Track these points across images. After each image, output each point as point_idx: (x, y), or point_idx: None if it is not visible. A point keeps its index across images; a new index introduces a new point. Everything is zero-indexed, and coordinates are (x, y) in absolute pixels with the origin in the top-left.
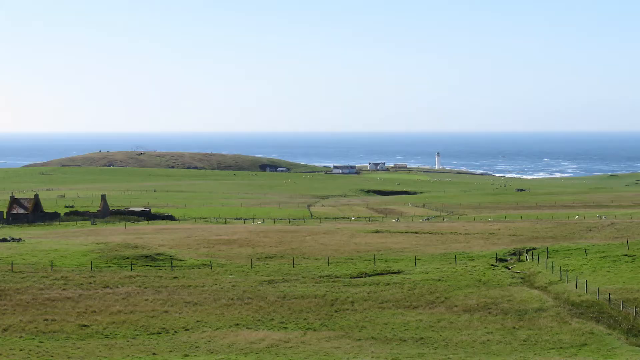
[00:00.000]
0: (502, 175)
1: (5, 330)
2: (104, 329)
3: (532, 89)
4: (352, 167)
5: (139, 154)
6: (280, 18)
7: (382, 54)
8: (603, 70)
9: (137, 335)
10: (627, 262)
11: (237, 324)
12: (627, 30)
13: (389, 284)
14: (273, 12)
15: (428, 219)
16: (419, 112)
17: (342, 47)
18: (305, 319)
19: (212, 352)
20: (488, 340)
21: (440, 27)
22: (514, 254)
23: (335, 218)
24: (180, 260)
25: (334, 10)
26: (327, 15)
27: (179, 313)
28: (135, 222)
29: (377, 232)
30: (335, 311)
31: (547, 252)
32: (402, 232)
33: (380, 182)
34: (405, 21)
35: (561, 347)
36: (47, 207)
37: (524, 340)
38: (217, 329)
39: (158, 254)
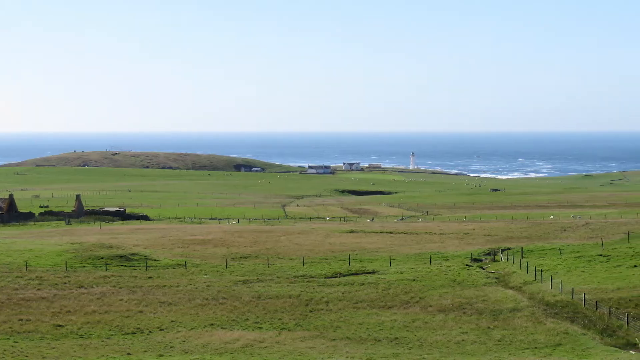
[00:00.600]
0: (476, 175)
1: None
2: (79, 329)
3: (508, 89)
4: (327, 167)
5: (114, 154)
6: (254, 18)
7: (358, 54)
8: (578, 70)
9: (112, 335)
10: (601, 262)
11: (212, 324)
12: (602, 31)
13: (363, 284)
14: (248, 12)
15: (403, 219)
16: (394, 112)
17: (318, 47)
18: (279, 319)
19: (186, 352)
20: (463, 340)
21: (416, 26)
22: (489, 254)
23: (310, 218)
24: (155, 260)
25: (310, 11)
26: (302, 16)
27: (154, 313)
28: (110, 222)
29: (351, 232)
30: (310, 311)
31: (522, 252)
32: (376, 232)
33: (355, 182)
34: (380, 21)
35: (536, 347)
36: (22, 207)
37: (499, 340)
38: (192, 329)
39: (133, 254)
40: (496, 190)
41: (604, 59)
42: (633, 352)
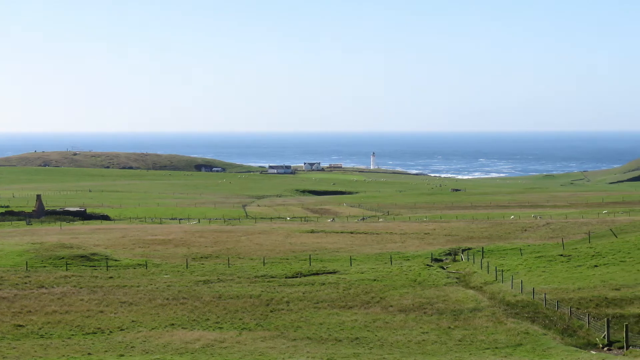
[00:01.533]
0: (437, 175)
1: None
2: (40, 329)
3: (468, 88)
4: (288, 167)
5: (75, 154)
6: (215, 18)
7: (317, 53)
8: (538, 70)
9: (73, 335)
10: (562, 262)
11: (173, 324)
12: (562, 29)
13: (324, 284)
14: (207, 12)
15: (363, 219)
16: (355, 112)
17: (277, 46)
18: (240, 319)
19: (147, 352)
20: (423, 340)
21: (375, 26)
22: (450, 254)
23: (271, 218)
24: (116, 260)
25: (267, 10)
26: (260, 15)
27: (115, 313)
28: (71, 222)
29: (312, 232)
30: (271, 311)
31: (483, 252)
32: (337, 232)
33: (315, 182)
34: (339, 20)
35: (496, 347)
36: None
37: (459, 340)
38: (153, 329)
39: (93, 254)
40: (457, 190)
41: (565, 60)
42: (594, 352)
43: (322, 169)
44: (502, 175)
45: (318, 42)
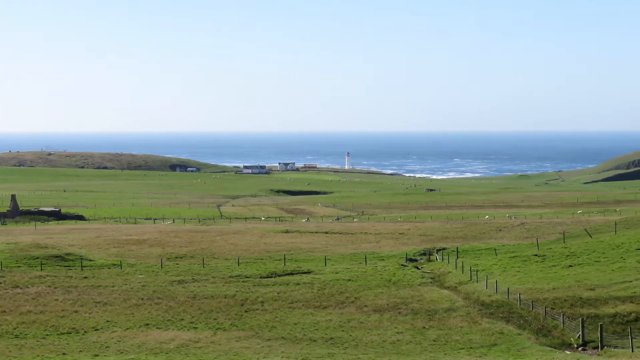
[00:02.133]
0: (412, 175)
1: None
2: (14, 329)
3: (443, 89)
4: (262, 167)
5: (49, 154)
6: (193, 18)
7: (294, 53)
8: (513, 70)
9: (47, 335)
10: (537, 262)
11: (147, 324)
12: (538, 30)
13: (299, 284)
14: (185, 12)
15: (338, 219)
16: (329, 112)
17: (254, 46)
18: (215, 319)
19: (122, 352)
20: (398, 340)
21: (353, 26)
22: (424, 254)
23: (246, 218)
24: (90, 260)
25: (246, 9)
26: (238, 14)
27: (89, 313)
28: (46, 222)
29: (287, 232)
30: (245, 311)
31: (457, 252)
32: (312, 232)
33: (290, 182)
34: (318, 20)
35: (471, 347)
36: None
37: (434, 340)
38: (127, 329)
39: (68, 254)
40: (431, 190)
41: (540, 60)
42: (568, 352)
43: (297, 169)
44: (476, 175)
45: (295, 43)
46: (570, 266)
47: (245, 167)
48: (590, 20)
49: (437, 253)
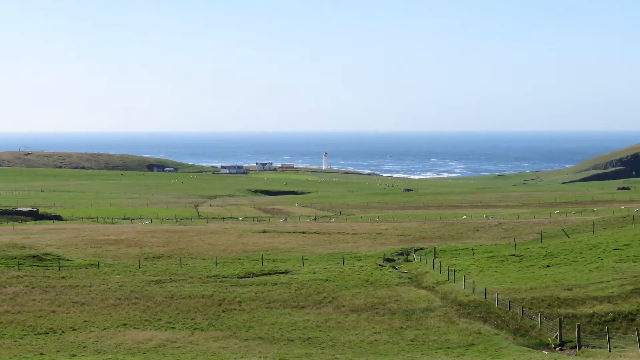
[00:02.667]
0: (389, 175)
1: None
2: None
3: (421, 88)
4: (240, 167)
5: (27, 154)
6: (170, 17)
7: (272, 53)
8: (491, 70)
9: (25, 335)
10: (514, 262)
11: (125, 324)
12: (517, 30)
13: (276, 284)
14: (163, 12)
15: (315, 219)
16: (307, 112)
17: (232, 46)
18: (192, 319)
19: (99, 352)
20: (375, 340)
21: (332, 26)
22: (402, 253)
23: (223, 218)
24: (68, 260)
25: (223, 10)
26: (215, 14)
27: (67, 313)
28: (23, 222)
29: (264, 232)
30: (223, 311)
31: (435, 252)
32: (289, 232)
33: (267, 182)
34: (299, 21)
35: (449, 347)
36: None
37: (412, 340)
38: (105, 329)
39: (46, 254)
40: (409, 190)
41: (518, 61)
42: (546, 352)
43: (275, 169)
44: (454, 175)
45: (274, 42)
46: (548, 266)
47: (223, 167)
48: (568, 20)
49: (414, 253)
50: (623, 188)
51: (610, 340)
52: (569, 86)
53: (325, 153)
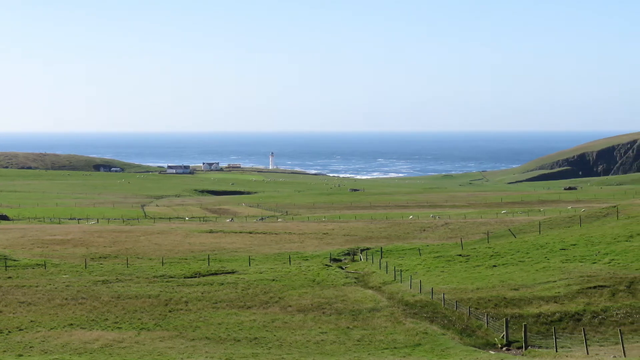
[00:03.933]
0: (336, 175)
1: None
2: None
3: (366, 88)
4: (187, 167)
5: None
6: (119, 17)
7: (217, 53)
8: (436, 69)
9: None
10: (461, 262)
11: (71, 324)
12: (462, 30)
13: (223, 284)
14: (113, 12)
15: (262, 219)
16: (253, 112)
17: (176, 45)
18: (139, 319)
19: (46, 352)
20: (322, 340)
21: (274, 25)
22: (348, 254)
23: (169, 218)
24: (14, 260)
25: (169, 8)
26: (162, 14)
27: (13, 313)
28: None
29: (211, 232)
30: (169, 311)
31: (381, 252)
32: (236, 232)
33: (214, 182)
34: (242, 21)
35: (395, 347)
36: None
37: (358, 340)
38: (51, 329)
39: None
40: (355, 190)
41: (463, 60)
42: (492, 352)
43: (221, 169)
44: (400, 175)
45: (217, 42)
46: (495, 266)
47: (169, 167)
48: (512, 19)
49: (361, 253)
50: (570, 188)
51: (557, 340)
52: (513, 86)
53: (272, 153)
